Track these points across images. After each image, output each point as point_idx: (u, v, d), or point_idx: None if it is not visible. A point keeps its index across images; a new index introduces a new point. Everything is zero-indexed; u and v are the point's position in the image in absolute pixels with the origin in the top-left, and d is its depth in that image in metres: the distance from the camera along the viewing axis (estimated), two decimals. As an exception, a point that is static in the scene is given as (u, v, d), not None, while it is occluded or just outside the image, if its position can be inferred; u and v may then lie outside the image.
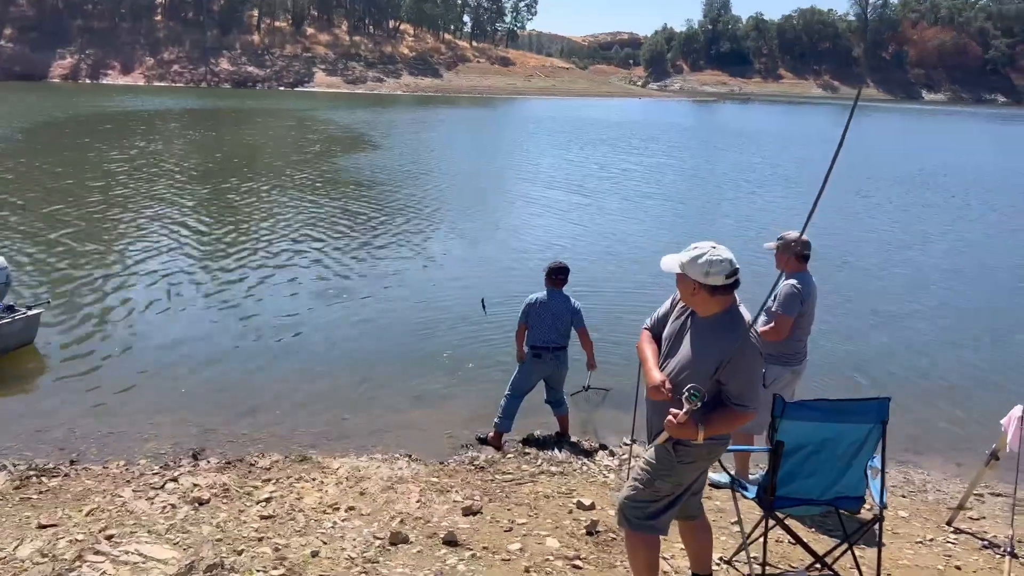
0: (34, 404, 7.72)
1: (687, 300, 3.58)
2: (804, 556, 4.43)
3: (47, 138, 28.78)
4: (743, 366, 3.38)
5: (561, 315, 6.80)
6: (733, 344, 3.36)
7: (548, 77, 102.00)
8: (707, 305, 3.48)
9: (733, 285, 3.45)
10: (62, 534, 4.51)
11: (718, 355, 3.38)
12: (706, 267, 3.40)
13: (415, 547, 4.48)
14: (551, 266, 6.98)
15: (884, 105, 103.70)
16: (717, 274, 3.39)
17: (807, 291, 5.26)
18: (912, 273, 14.21)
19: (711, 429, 3.41)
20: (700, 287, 3.45)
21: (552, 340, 6.78)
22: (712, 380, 3.40)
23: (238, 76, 76.39)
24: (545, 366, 6.85)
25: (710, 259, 3.40)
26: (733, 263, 3.41)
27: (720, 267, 3.38)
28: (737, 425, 3.52)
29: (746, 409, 3.43)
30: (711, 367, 3.39)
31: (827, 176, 2.93)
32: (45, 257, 12.80)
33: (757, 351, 3.43)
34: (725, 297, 3.46)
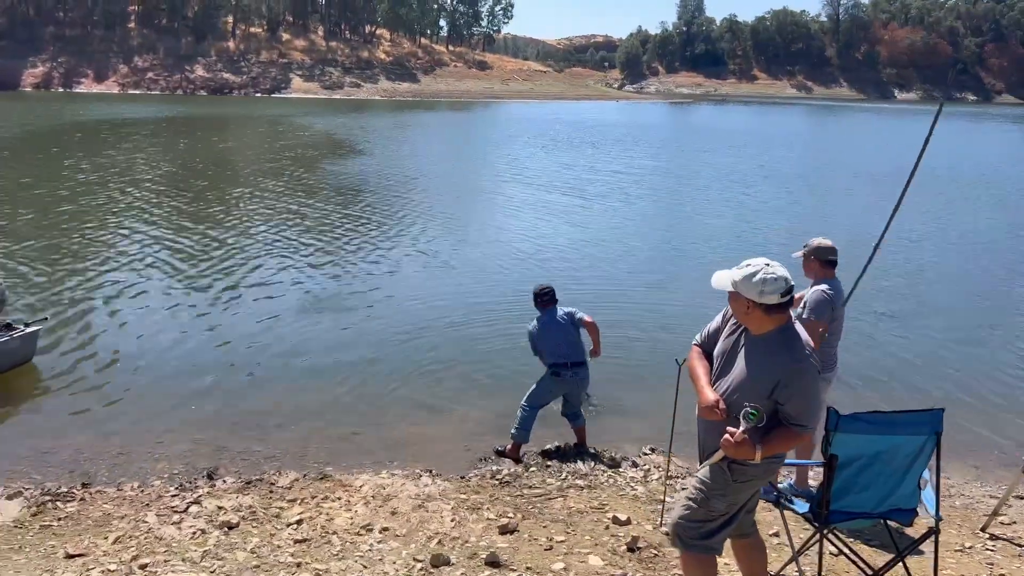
0: (37, 424, 7.53)
1: (740, 318, 3.51)
2: (849, 568, 4.40)
3: (23, 149, 28.29)
4: (801, 386, 3.33)
5: (564, 325, 6.80)
6: (789, 364, 3.31)
7: (525, 80, 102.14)
8: (761, 323, 3.42)
9: (788, 303, 3.39)
10: (92, 564, 4.37)
11: (774, 375, 3.32)
12: (760, 285, 3.33)
13: (458, 569, 4.39)
14: (535, 291, 7.03)
15: (857, 105, 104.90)
16: (772, 293, 3.32)
17: (837, 296, 5.24)
18: (913, 272, 14.32)
19: (768, 449, 3.35)
20: (754, 305, 3.38)
21: (569, 355, 6.76)
22: (768, 400, 3.34)
23: (214, 83, 75.63)
24: (565, 384, 6.82)
25: (764, 277, 3.33)
26: (788, 281, 3.35)
27: (775, 285, 3.32)
28: (795, 445, 3.49)
29: (804, 429, 3.38)
30: (767, 387, 3.34)
31: (907, 184, 2.91)
32: (36, 273, 12.53)
33: (815, 370, 3.36)
34: (780, 315, 3.39)
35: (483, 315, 10.98)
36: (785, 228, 18.23)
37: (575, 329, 6.86)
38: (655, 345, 10.06)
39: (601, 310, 11.29)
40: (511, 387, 8.11)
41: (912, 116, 73.58)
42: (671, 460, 5.58)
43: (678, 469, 5.92)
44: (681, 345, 8.91)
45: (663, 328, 10.74)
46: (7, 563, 4.50)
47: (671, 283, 13.28)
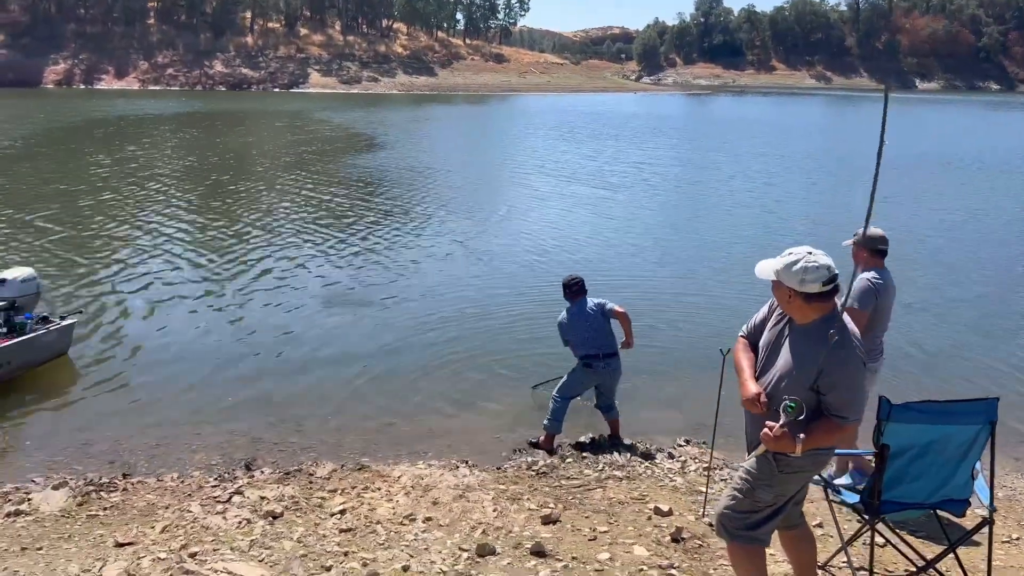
0: (75, 416, 7.61)
1: (784, 307, 3.47)
2: (897, 560, 4.37)
3: (48, 145, 28.58)
4: (843, 376, 3.27)
5: (594, 317, 6.78)
6: (831, 353, 3.25)
7: (543, 73, 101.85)
8: (804, 313, 3.37)
9: (832, 292, 3.34)
10: (143, 552, 4.41)
11: (816, 364, 3.27)
12: (802, 274, 3.29)
13: (504, 558, 4.40)
14: (564, 282, 7.02)
15: (877, 95, 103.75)
16: (813, 281, 3.28)
17: (883, 286, 5.17)
18: (945, 260, 14.17)
19: (810, 442, 3.28)
20: (796, 294, 3.34)
21: (601, 346, 6.75)
22: (811, 390, 3.31)
23: (232, 78, 76.01)
24: (596, 375, 6.82)
25: (805, 266, 3.29)
26: (831, 269, 3.30)
27: (816, 274, 3.28)
28: (839, 438, 3.40)
29: (847, 421, 3.32)
30: (809, 377, 3.29)
31: (876, 174, 2.90)
32: (67, 267, 12.67)
33: (859, 360, 3.31)
34: (823, 304, 3.34)
35: (508, 306, 10.99)
36: (810, 217, 18.11)
37: (606, 320, 6.84)
38: (685, 336, 10.02)
39: (632, 300, 11.30)
40: (537, 378, 8.12)
41: (933, 106, 72.80)
42: (712, 452, 5.54)
43: (715, 461, 5.88)
44: (715, 336, 8.92)
45: (693, 319, 10.71)
46: (58, 551, 4.56)
47: (701, 274, 13.21)
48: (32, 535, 4.81)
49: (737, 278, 12.42)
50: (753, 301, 3.74)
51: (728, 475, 5.96)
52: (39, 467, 6.36)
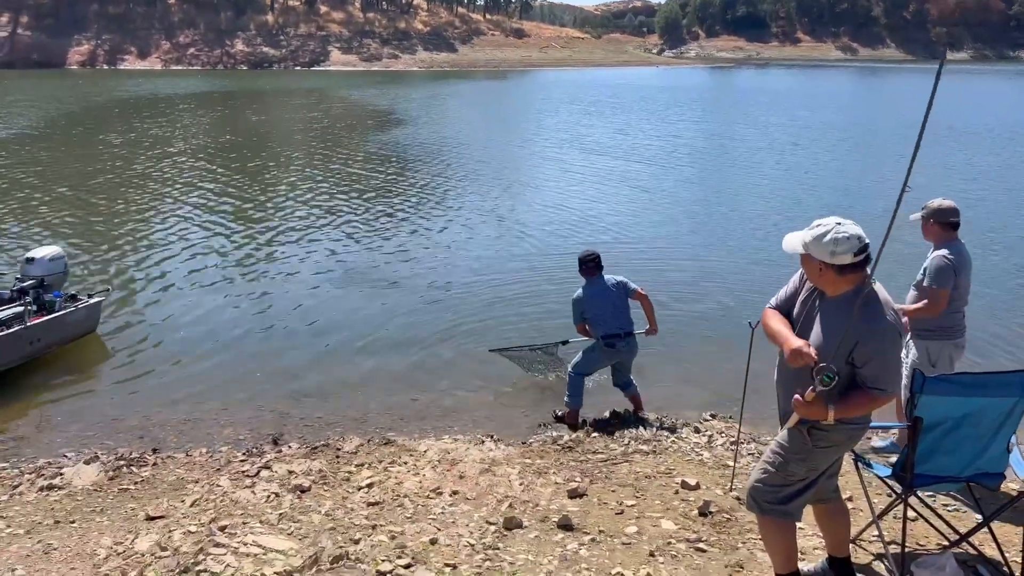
0: (105, 392, 7.71)
1: (814, 280, 3.38)
2: (928, 533, 4.31)
3: (73, 126, 28.81)
4: (878, 347, 3.19)
5: (615, 294, 6.71)
6: (866, 325, 3.17)
7: (564, 48, 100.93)
8: (836, 285, 3.28)
9: (864, 262, 3.24)
10: (174, 526, 4.46)
11: (850, 337, 3.18)
12: (831, 246, 3.19)
13: (531, 532, 4.40)
14: (580, 257, 6.92)
15: (905, 66, 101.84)
16: (844, 252, 3.18)
17: (960, 261, 5.00)
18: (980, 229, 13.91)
19: (843, 411, 3.23)
20: (827, 267, 3.25)
21: (623, 325, 6.71)
22: (846, 363, 3.24)
23: (254, 57, 76.10)
24: (618, 354, 6.79)
25: (835, 237, 3.19)
26: (862, 239, 3.20)
27: (847, 244, 3.17)
28: (873, 408, 3.32)
29: (883, 393, 3.24)
30: (844, 350, 3.21)
31: (917, 143, 2.80)
32: (91, 245, 12.80)
33: (895, 331, 3.22)
34: (855, 275, 3.24)
35: (535, 282, 10.97)
36: (840, 188, 17.88)
37: (626, 299, 6.77)
38: (712, 309, 9.95)
39: (658, 273, 11.26)
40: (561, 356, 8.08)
41: (964, 76, 71.30)
42: (739, 426, 5.50)
43: (743, 435, 5.84)
44: (743, 309, 8.79)
45: (720, 292, 10.62)
46: (91, 524, 4.62)
47: (728, 246, 13.08)
48: (65, 508, 4.88)
49: (766, 250, 12.29)
50: (782, 273, 3.67)
51: (755, 449, 5.92)
52: (71, 442, 6.46)
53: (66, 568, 4.05)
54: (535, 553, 4.16)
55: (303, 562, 3.92)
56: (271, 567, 3.91)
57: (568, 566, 4.03)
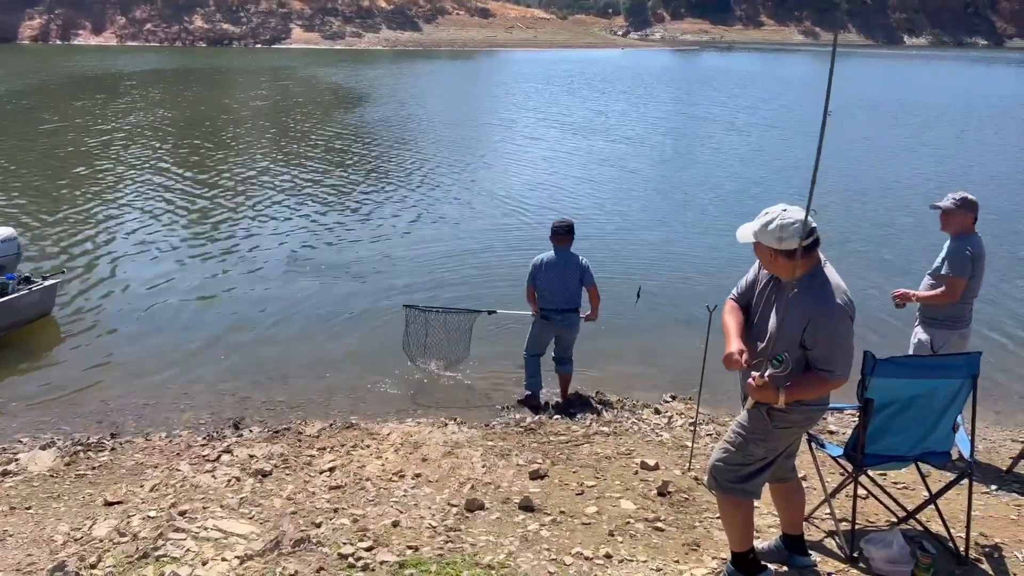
0: (62, 377, 7.59)
1: (768, 268, 3.46)
2: (879, 510, 4.44)
3: (25, 104, 28.03)
4: (827, 329, 3.27)
5: (569, 275, 6.70)
6: (815, 306, 3.26)
7: (529, 28, 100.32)
8: (788, 270, 3.34)
9: (812, 245, 3.32)
10: (132, 511, 4.43)
11: (801, 319, 3.28)
12: (778, 231, 3.28)
13: (492, 513, 4.45)
14: (554, 224, 6.90)
15: (864, 51, 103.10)
16: (790, 238, 3.26)
17: (978, 252, 5.10)
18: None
19: (793, 394, 3.31)
20: (776, 253, 3.34)
21: (560, 303, 6.73)
22: (800, 346, 3.31)
23: (213, 34, 74.43)
24: (552, 326, 6.82)
25: (781, 223, 3.28)
26: (808, 223, 3.29)
27: (792, 230, 3.26)
28: (824, 391, 3.39)
29: (831, 375, 3.30)
30: (796, 333, 3.30)
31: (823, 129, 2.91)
32: (46, 227, 12.51)
33: (843, 313, 3.28)
34: (806, 259, 3.31)
35: (494, 265, 10.99)
36: (801, 168, 18.11)
37: (578, 281, 6.73)
38: (672, 293, 10.05)
39: (619, 255, 11.35)
40: (520, 335, 8.04)
41: (921, 60, 72.49)
42: (698, 407, 5.59)
43: (701, 416, 5.94)
44: (702, 292, 8.89)
45: (680, 276, 10.75)
46: (47, 510, 4.56)
47: (689, 230, 13.20)
48: (21, 495, 4.81)
49: (729, 233, 12.42)
50: (742, 259, 3.73)
51: (714, 430, 6.04)
52: (26, 427, 6.36)
53: (22, 555, 4.00)
54: (496, 534, 4.21)
55: (264, 546, 3.92)
56: (232, 551, 3.91)
57: (529, 546, 4.08)
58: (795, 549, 3.89)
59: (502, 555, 3.97)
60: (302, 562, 3.81)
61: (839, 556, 3.97)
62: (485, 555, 3.96)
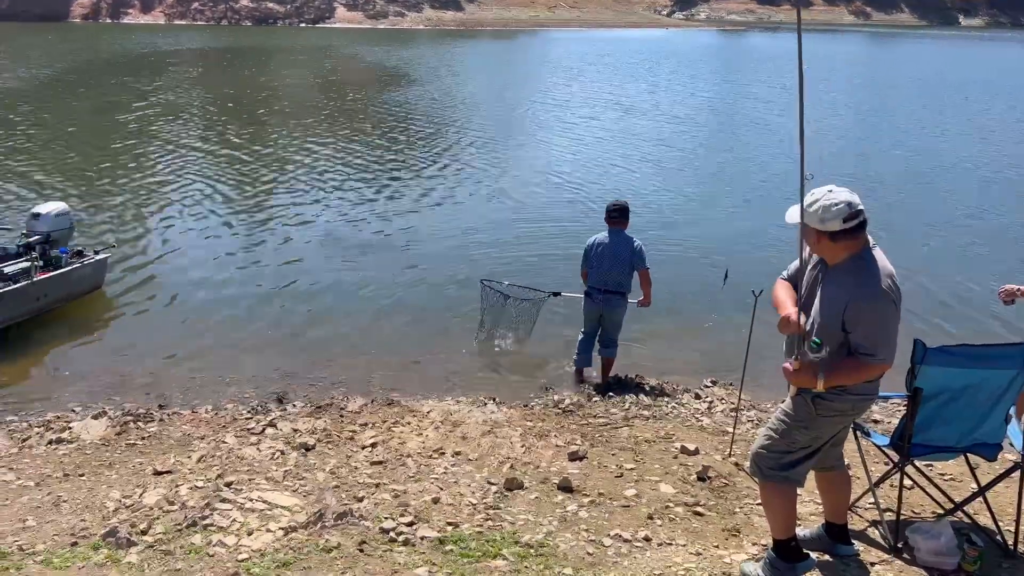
0: (112, 349, 7.79)
1: (814, 250, 3.42)
2: (924, 501, 4.37)
3: (77, 81, 28.59)
4: (869, 312, 3.21)
5: (621, 257, 6.67)
6: (858, 289, 3.21)
7: (572, 8, 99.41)
8: (833, 252, 3.32)
9: (858, 228, 3.26)
10: (180, 481, 4.54)
11: (842, 302, 3.22)
12: (821, 213, 3.24)
13: (532, 493, 4.47)
14: (608, 206, 6.89)
15: (919, 32, 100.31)
16: (833, 219, 3.22)
17: None
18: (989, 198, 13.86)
19: (832, 379, 3.26)
20: (821, 234, 3.29)
21: (605, 283, 6.72)
22: (842, 330, 3.25)
23: (258, 13, 74.99)
24: (595, 306, 6.82)
25: (824, 204, 3.24)
26: (853, 205, 3.23)
27: (836, 211, 3.22)
28: (865, 377, 3.31)
29: (872, 359, 3.22)
30: (838, 316, 3.24)
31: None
32: (96, 202, 12.79)
33: (885, 297, 3.22)
34: (851, 241, 3.27)
35: (537, 247, 10.96)
36: (861, 153, 17.75)
37: (628, 264, 6.69)
38: (717, 277, 9.93)
39: (665, 239, 11.25)
40: (565, 319, 8.05)
41: (978, 42, 70.27)
42: (740, 393, 5.54)
43: (743, 402, 5.88)
44: (747, 277, 8.77)
45: (727, 260, 10.59)
46: (100, 478, 4.70)
47: (738, 214, 13.01)
48: (75, 462, 4.96)
49: (774, 218, 12.23)
50: (789, 241, 3.68)
51: (755, 417, 5.98)
52: (78, 397, 6.55)
53: (76, 519, 4.13)
54: (535, 513, 4.23)
55: (307, 518, 3.99)
56: (276, 523, 3.99)
57: (567, 527, 4.10)
58: (838, 537, 3.85)
59: (541, 534, 3.99)
60: (344, 535, 3.87)
61: (883, 546, 3.92)
62: (524, 534, 3.98)
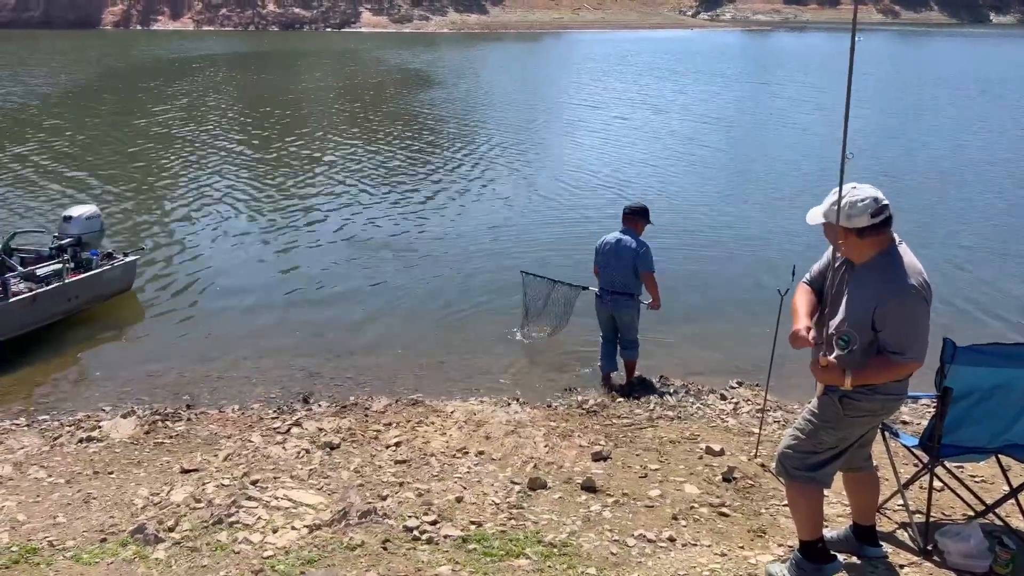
0: (141, 349, 7.90)
1: (840, 250, 3.36)
2: (955, 503, 4.29)
3: (108, 86, 29.05)
4: (898, 310, 3.15)
5: (624, 258, 6.61)
6: (886, 286, 3.15)
7: (596, 9, 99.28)
8: (860, 250, 3.27)
9: (884, 223, 3.21)
10: (207, 479, 4.59)
11: (871, 301, 3.17)
12: (847, 209, 3.19)
13: (555, 492, 4.46)
14: (625, 206, 6.88)
15: (949, 29, 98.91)
16: (859, 215, 3.18)
17: None
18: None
19: (861, 378, 3.21)
20: (847, 232, 3.24)
21: (612, 284, 6.70)
22: (872, 328, 3.20)
23: (285, 18, 75.84)
24: (604, 307, 6.81)
25: (850, 200, 3.19)
26: (879, 200, 3.18)
27: (862, 207, 3.17)
28: (894, 376, 3.25)
29: (901, 357, 3.17)
30: (867, 314, 3.19)
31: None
32: (125, 204, 12.98)
33: (915, 295, 3.16)
34: (877, 238, 3.22)
35: (562, 249, 10.92)
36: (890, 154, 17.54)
37: (630, 265, 6.60)
38: (743, 277, 9.87)
39: (691, 238, 11.18)
40: (585, 321, 8.01)
41: (1012, 40, 69.14)
42: (766, 394, 5.49)
43: (769, 403, 5.83)
44: (774, 277, 8.68)
45: (752, 260, 10.53)
46: (128, 476, 4.77)
47: (764, 214, 12.90)
48: (104, 460, 5.03)
49: (800, 218, 12.11)
50: (818, 242, 3.64)
51: (782, 417, 5.92)
52: (108, 396, 6.65)
53: (105, 516, 4.19)
54: (559, 513, 4.22)
55: (332, 516, 4.01)
56: (301, 520, 4.02)
57: (591, 527, 4.08)
58: (866, 539, 3.79)
59: (564, 534, 3.98)
60: (368, 533, 3.88)
61: (912, 548, 3.86)
62: (548, 533, 3.97)
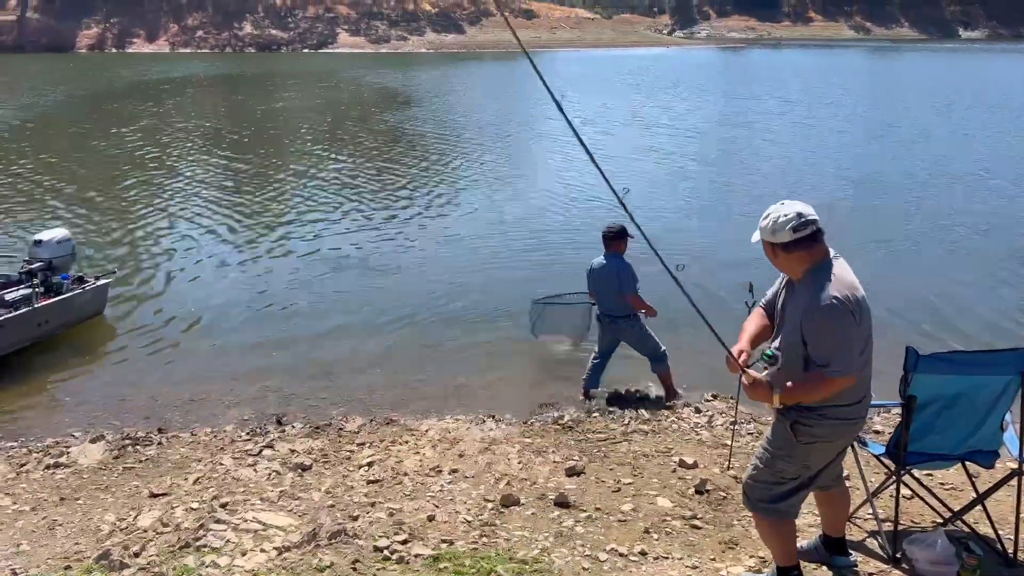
0: (112, 373, 7.82)
1: (778, 267, 3.38)
2: (924, 511, 4.33)
3: (82, 110, 28.88)
4: (821, 322, 3.11)
5: (608, 282, 6.65)
6: (812, 300, 3.13)
7: (573, 28, 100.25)
8: (790, 265, 3.28)
9: (809, 238, 3.19)
10: (176, 503, 4.54)
11: (800, 314, 3.17)
12: (772, 225, 3.23)
13: (528, 509, 4.45)
14: (603, 231, 6.88)
15: (919, 45, 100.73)
16: (782, 230, 3.19)
17: None
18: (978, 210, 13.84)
19: (792, 394, 3.16)
20: (776, 248, 3.26)
21: (607, 309, 6.77)
22: (802, 341, 3.18)
23: (262, 39, 75.87)
24: (606, 330, 6.87)
25: (774, 217, 3.23)
26: (802, 215, 3.18)
27: (783, 222, 3.19)
28: (824, 391, 3.17)
29: (829, 371, 3.11)
30: (796, 328, 3.19)
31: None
32: (98, 228, 12.88)
33: (840, 308, 3.09)
34: (804, 253, 3.20)
35: (536, 267, 10.97)
36: (872, 173, 17.77)
37: (617, 292, 6.63)
38: (714, 291, 9.92)
39: (662, 252, 11.20)
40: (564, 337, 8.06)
41: (977, 54, 70.49)
42: (737, 406, 5.51)
43: (741, 415, 5.86)
44: (744, 290, 8.74)
45: (721, 274, 10.59)
46: (95, 502, 4.70)
47: (732, 227, 13.01)
48: (71, 486, 4.97)
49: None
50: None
51: (755, 429, 5.95)
52: (78, 422, 6.56)
53: (70, 544, 4.13)
54: (531, 530, 4.21)
55: (301, 538, 3.98)
56: (270, 543, 3.98)
57: (563, 542, 4.08)
58: (835, 549, 3.81)
59: (536, 550, 3.97)
60: (338, 554, 3.85)
61: (881, 556, 3.88)
62: (519, 550, 3.96)
